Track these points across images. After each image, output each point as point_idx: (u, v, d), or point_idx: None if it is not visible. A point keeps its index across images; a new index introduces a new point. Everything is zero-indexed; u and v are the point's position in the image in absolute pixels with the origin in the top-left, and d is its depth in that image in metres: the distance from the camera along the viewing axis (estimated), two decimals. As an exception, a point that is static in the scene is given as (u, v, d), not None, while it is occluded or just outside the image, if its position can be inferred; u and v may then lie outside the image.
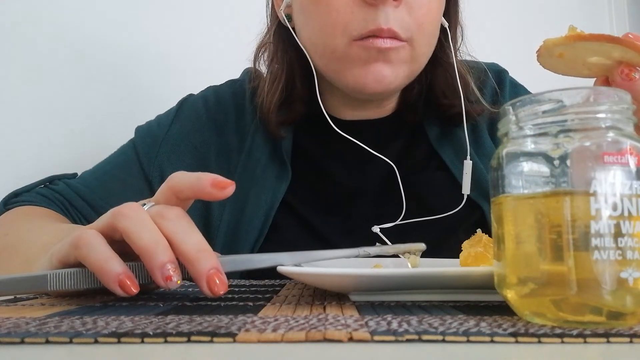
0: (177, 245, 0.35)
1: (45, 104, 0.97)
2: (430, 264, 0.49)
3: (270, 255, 0.38)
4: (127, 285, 0.34)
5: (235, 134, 0.72)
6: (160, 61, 1.07)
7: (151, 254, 0.35)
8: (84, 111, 1.01)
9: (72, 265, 0.37)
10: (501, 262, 0.28)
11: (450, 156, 0.70)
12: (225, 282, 0.35)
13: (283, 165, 0.69)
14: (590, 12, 1.43)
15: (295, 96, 0.70)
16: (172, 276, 0.34)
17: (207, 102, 0.75)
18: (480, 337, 0.23)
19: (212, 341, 0.23)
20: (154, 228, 0.36)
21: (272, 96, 0.68)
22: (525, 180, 0.27)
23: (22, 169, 0.92)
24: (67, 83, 1.00)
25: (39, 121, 0.97)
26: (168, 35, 1.08)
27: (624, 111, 0.26)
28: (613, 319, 0.24)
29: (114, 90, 1.03)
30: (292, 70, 0.69)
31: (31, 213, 0.64)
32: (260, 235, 0.65)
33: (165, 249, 0.35)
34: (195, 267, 0.35)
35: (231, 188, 0.38)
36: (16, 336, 0.24)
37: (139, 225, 0.36)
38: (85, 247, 0.35)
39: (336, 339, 0.23)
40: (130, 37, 1.05)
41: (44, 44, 0.98)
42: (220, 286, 0.34)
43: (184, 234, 0.36)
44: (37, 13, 0.97)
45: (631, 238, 0.24)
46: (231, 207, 0.67)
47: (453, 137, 0.71)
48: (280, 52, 0.69)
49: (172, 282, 0.34)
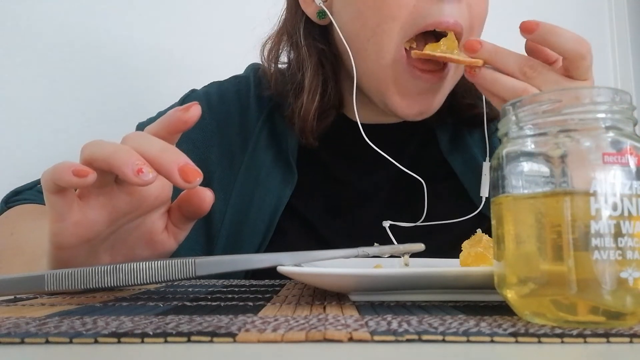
0: (142, 152, 0.37)
1: (45, 102, 0.97)
2: (430, 264, 0.49)
3: (270, 255, 0.38)
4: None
5: (238, 133, 0.70)
6: (163, 57, 1.07)
7: (115, 157, 0.36)
8: (85, 109, 1.01)
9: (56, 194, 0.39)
10: (501, 262, 0.28)
11: (459, 165, 0.68)
12: (197, 170, 0.37)
13: (289, 168, 0.67)
14: (590, 12, 1.43)
15: (331, 102, 0.66)
16: (142, 168, 0.35)
17: (210, 99, 0.72)
18: (480, 337, 0.23)
19: (212, 341, 0.23)
20: (113, 143, 0.38)
21: (311, 104, 0.64)
22: (525, 180, 0.27)
23: (23, 168, 0.92)
24: (68, 81, 1.00)
25: (39, 119, 0.97)
26: (170, 31, 1.07)
27: (624, 111, 0.26)
28: (613, 319, 0.24)
29: (116, 87, 1.03)
30: (329, 73, 0.66)
31: (33, 212, 0.64)
32: (264, 239, 0.64)
33: (128, 151, 0.37)
34: (163, 163, 0.36)
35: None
36: (16, 336, 0.24)
37: (100, 145, 0.38)
38: (86, 150, 0.38)
39: (336, 339, 0.23)
40: (132, 34, 1.05)
41: (44, 43, 0.98)
42: (194, 174, 0.36)
43: (146, 142, 0.38)
44: (36, 13, 0.97)
45: (631, 238, 0.24)
46: (234, 208, 0.66)
47: (463, 146, 0.70)
48: (314, 54, 0.65)
49: (145, 174, 0.36)
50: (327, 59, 0.66)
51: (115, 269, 0.35)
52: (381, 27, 0.57)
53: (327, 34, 0.67)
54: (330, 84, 0.66)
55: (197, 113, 0.41)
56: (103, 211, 0.41)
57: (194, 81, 0.80)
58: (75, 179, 0.36)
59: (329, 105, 0.66)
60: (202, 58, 1.06)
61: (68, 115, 0.99)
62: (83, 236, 0.41)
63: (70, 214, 0.40)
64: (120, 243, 0.44)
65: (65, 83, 0.99)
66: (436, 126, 0.70)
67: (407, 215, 0.65)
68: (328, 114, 0.66)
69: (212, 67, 0.92)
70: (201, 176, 0.37)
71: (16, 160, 0.93)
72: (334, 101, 0.66)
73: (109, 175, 0.39)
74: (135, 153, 0.36)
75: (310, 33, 0.66)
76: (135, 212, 0.43)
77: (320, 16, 0.64)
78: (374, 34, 0.58)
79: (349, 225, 0.66)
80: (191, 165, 0.37)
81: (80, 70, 1.00)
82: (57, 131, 0.98)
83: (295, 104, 0.66)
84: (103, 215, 0.41)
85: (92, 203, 0.40)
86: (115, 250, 0.44)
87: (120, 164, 0.36)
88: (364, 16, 0.58)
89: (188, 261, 0.35)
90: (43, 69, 0.97)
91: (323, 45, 0.66)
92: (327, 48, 0.66)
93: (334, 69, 0.67)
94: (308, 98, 0.64)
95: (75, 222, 0.40)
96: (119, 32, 1.03)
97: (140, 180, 0.35)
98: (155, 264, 0.35)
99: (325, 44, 0.66)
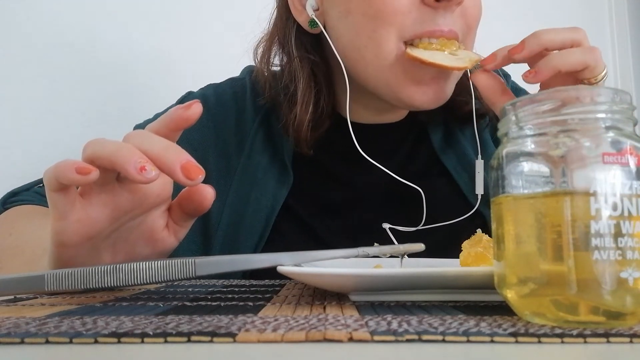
0: (144, 150, 0.37)
1: (45, 102, 0.97)
2: (429, 264, 0.49)
3: (270, 255, 0.38)
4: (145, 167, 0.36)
5: (235, 135, 0.71)
6: (160, 59, 1.07)
7: (118, 155, 0.36)
8: (85, 109, 1.01)
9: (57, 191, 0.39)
10: (501, 262, 0.28)
11: (452, 163, 0.69)
12: (200, 167, 0.37)
13: (284, 169, 0.67)
14: (590, 12, 1.43)
15: (325, 110, 0.66)
16: (145, 166, 0.36)
17: (207, 101, 0.72)
18: (480, 337, 0.23)
19: (212, 341, 0.23)
20: (116, 141, 0.38)
21: (304, 115, 0.64)
22: (525, 180, 0.27)
23: (23, 168, 0.92)
24: (65, 82, 1.00)
25: (39, 119, 0.97)
26: (167, 32, 1.08)
27: (624, 111, 0.26)
28: (613, 319, 0.24)
29: (113, 89, 1.03)
30: (322, 83, 0.66)
31: (31, 213, 0.64)
32: (260, 240, 0.65)
33: (131, 149, 0.37)
34: (165, 161, 0.36)
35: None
36: (16, 336, 0.24)
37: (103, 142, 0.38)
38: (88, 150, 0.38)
39: (336, 339, 0.23)
40: (129, 36, 1.05)
41: (43, 44, 0.98)
42: (197, 171, 0.36)
43: (148, 140, 0.38)
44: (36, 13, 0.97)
45: (631, 238, 0.24)
46: (231, 209, 0.66)
47: (456, 144, 0.70)
48: (307, 66, 0.65)
49: (147, 171, 0.36)
50: (319, 69, 0.66)
51: (115, 269, 0.35)
52: (378, 32, 0.57)
53: (320, 42, 0.66)
54: (324, 93, 0.66)
55: (199, 111, 0.41)
56: (105, 209, 0.41)
57: (191, 83, 0.80)
58: (77, 177, 0.36)
59: (322, 115, 0.66)
60: (199, 59, 1.07)
61: (68, 115, 0.99)
62: (85, 234, 0.41)
63: (72, 211, 0.40)
64: (121, 241, 0.44)
65: (62, 84, 0.99)
66: (429, 125, 0.71)
67: (404, 214, 0.65)
68: (322, 123, 0.66)
69: (209, 69, 0.92)
70: (203, 173, 0.37)
71: (16, 160, 0.93)
72: (327, 110, 0.66)
73: (111, 173, 0.39)
74: (137, 151, 0.37)
75: (302, 43, 0.66)
76: (137, 210, 0.43)
77: (312, 25, 0.63)
78: (371, 40, 0.58)
79: (346, 225, 0.67)
80: (193, 162, 0.37)
81: (80, 71, 1.00)
82: (57, 131, 0.98)
83: (289, 116, 0.66)
84: (105, 213, 0.41)
85: (94, 201, 0.41)
86: (116, 248, 0.44)
87: (123, 162, 0.36)
88: (358, 24, 0.58)
89: (188, 261, 0.35)
90: (43, 69, 0.97)
91: (315, 57, 0.65)
92: (320, 58, 0.65)
93: (328, 78, 0.67)
94: (302, 110, 0.64)
95: (77, 219, 0.40)
96: (116, 35, 1.04)
97: (143, 177, 0.36)
98: (155, 264, 0.35)
99: (318, 54, 0.65)
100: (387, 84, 0.60)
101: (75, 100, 1.00)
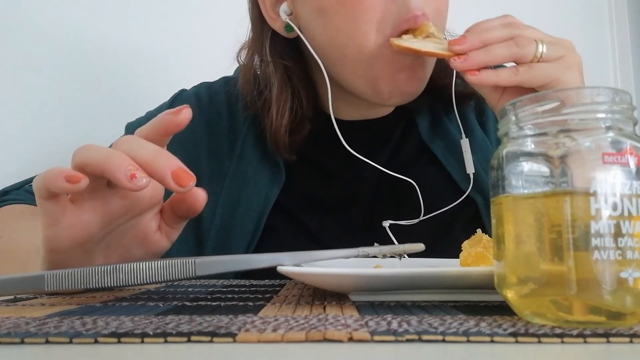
0: (134, 157, 0.37)
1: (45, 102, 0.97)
2: (430, 264, 0.49)
3: (270, 255, 0.38)
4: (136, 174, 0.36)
5: (227, 135, 0.71)
6: (153, 58, 1.08)
7: (108, 162, 0.36)
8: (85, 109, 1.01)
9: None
10: (501, 262, 0.28)
11: (440, 149, 0.69)
12: (190, 174, 0.37)
13: (276, 167, 0.67)
14: (590, 13, 1.43)
15: (304, 114, 0.66)
16: (136, 174, 0.36)
17: (200, 100, 0.73)
18: (480, 337, 0.23)
19: (212, 341, 0.23)
20: (106, 148, 0.38)
21: (280, 120, 0.64)
22: (525, 180, 0.27)
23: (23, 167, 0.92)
24: (59, 82, 1.00)
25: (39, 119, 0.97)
26: (161, 31, 1.08)
27: (624, 111, 0.26)
28: (613, 319, 0.24)
29: (106, 88, 1.04)
30: (297, 87, 0.66)
31: (24, 212, 0.64)
32: (253, 239, 0.64)
33: (120, 156, 0.37)
34: (156, 168, 0.36)
35: None
36: (16, 336, 0.24)
37: (92, 150, 0.38)
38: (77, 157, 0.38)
39: (336, 339, 0.23)
40: (124, 35, 1.05)
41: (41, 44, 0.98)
42: (188, 178, 0.36)
43: (137, 146, 0.38)
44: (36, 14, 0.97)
45: (631, 238, 0.24)
46: (223, 209, 0.66)
47: (442, 130, 0.70)
48: (280, 69, 0.65)
49: (138, 179, 0.36)
50: (293, 73, 0.66)
51: (115, 269, 0.35)
52: (358, 29, 0.57)
53: (298, 46, 0.66)
54: (302, 97, 0.66)
55: (188, 116, 0.41)
56: (96, 214, 0.41)
57: (184, 82, 0.80)
58: (67, 185, 0.36)
59: (302, 119, 0.66)
60: (192, 58, 1.07)
61: (68, 115, 0.99)
62: (78, 239, 0.40)
63: (63, 218, 0.40)
64: (114, 244, 0.44)
65: (55, 83, 0.99)
66: (416, 114, 0.71)
67: (397, 207, 0.65)
68: (301, 127, 0.66)
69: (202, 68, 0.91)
70: (194, 180, 0.37)
71: (16, 160, 0.93)
72: (307, 114, 0.66)
73: (101, 179, 0.39)
74: (127, 158, 0.36)
75: (276, 49, 0.66)
76: (129, 214, 0.43)
77: (288, 30, 0.64)
78: (351, 38, 0.58)
79: (340, 223, 0.66)
80: (184, 169, 0.37)
81: (71, 72, 1.01)
82: (57, 131, 0.98)
83: (265, 121, 0.66)
84: (97, 218, 0.41)
85: (85, 206, 0.40)
86: (109, 251, 0.44)
87: (113, 170, 0.36)
88: (336, 24, 0.58)
89: (188, 261, 0.35)
90: (36, 69, 0.97)
91: (288, 62, 0.65)
92: (294, 62, 0.65)
93: (307, 80, 0.66)
94: (277, 114, 0.64)
95: (69, 225, 0.40)
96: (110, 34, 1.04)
97: (133, 185, 0.35)
98: (155, 264, 0.35)
99: (293, 57, 0.66)
100: (370, 77, 0.60)
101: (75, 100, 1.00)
